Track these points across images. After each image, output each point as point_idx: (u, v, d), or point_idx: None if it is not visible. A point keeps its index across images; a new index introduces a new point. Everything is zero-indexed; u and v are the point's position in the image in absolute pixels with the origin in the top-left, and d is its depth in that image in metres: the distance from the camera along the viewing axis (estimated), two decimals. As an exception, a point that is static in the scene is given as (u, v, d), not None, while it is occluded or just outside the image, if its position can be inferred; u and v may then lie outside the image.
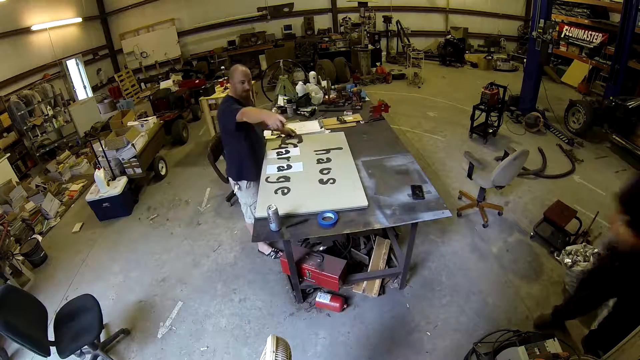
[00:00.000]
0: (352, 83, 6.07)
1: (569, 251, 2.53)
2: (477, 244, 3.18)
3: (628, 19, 4.55)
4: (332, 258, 2.60)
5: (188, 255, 3.38)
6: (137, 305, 2.90)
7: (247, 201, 2.88)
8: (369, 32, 8.61)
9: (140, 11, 8.68)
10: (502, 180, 3.06)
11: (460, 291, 2.72)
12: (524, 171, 4.05)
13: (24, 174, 5.29)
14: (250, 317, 2.67)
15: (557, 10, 6.90)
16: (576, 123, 4.87)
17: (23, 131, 5.33)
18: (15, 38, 6.07)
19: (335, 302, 2.60)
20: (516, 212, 3.55)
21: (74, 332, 2.20)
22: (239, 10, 9.05)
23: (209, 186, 4.40)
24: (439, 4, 9.61)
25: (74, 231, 3.96)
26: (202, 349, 2.49)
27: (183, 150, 5.61)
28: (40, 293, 3.09)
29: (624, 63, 4.81)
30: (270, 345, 1.28)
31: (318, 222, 2.13)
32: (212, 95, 5.25)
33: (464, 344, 2.29)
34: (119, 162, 4.18)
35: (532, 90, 5.30)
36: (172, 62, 9.03)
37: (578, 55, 6.71)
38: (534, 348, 1.80)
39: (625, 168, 4.12)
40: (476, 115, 4.88)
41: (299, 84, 4.21)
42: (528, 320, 2.46)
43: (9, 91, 5.71)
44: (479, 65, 8.44)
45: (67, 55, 7.13)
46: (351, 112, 3.76)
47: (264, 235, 2.18)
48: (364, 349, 2.37)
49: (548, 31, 4.70)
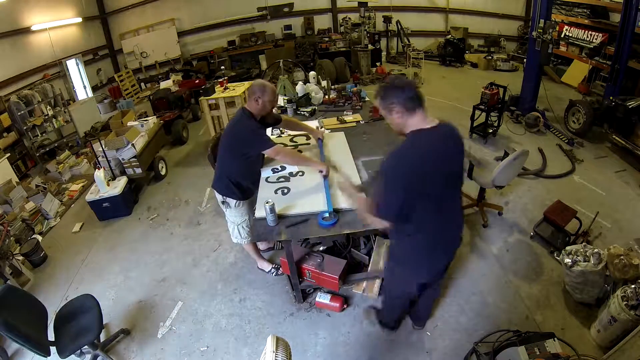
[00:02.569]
0: (352, 83, 6.06)
1: (569, 251, 2.52)
2: (477, 244, 3.18)
3: (628, 19, 4.55)
4: (332, 258, 2.60)
5: (188, 255, 3.37)
6: (137, 305, 2.89)
7: (235, 220, 2.66)
8: (369, 32, 8.61)
9: (140, 11, 8.68)
10: (502, 180, 3.06)
11: (460, 291, 2.72)
12: (524, 171, 4.05)
13: (24, 174, 5.29)
14: (250, 317, 2.67)
15: (557, 10, 6.90)
16: (576, 123, 4.86)
17: (23, 131, 5.32)
18: (15, 38, 6.07)
19: (335, 302, 2.59)
20: (516, 212, 3.55)
21: (74, 332, 2.19)
22: (238, 10, 9.06)
23: (209, 186, 4.38)
24: (439, 4, 9.61)
25: (74, 231, 3.96)
26: (202, 349, 2.49)
27: (183, 150, 5.61)
28: (40, 293, 3.09)
29: (624, 63, 4.81)
30: (270, 345, 1.28)
31: (318, 222, 2.13)
32: (212, 96, 5.25)
33: (464, 344, 2.29)
34: (119, 162, 4.18)
35: (532, 90, 5.30)
36: (172, 62, 9.03)
37: (578, 55, 6.70)
38: (534, 348, 1.81)
39: (625, 168, 4.11)
40: (476, 115, 4.88)
41: (299, 84, 4.21)
42: (528, 320, 2.46)
43: (9, 91, 5.71)
44: (479, 65, 8.44)
45: (67, 55, 7.12)
46: (351, 112, 3.76)
47: (264, 235, 2.19)
48: (364, 348, 2.37)
49: (548, 31, 4.70)
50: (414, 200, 1.54)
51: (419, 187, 1.50)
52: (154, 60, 8.90)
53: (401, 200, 1.52)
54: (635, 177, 3.93)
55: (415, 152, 1.52)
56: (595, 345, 2.25)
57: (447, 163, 1.58)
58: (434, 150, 1.53)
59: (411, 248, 1.78)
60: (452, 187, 1.69)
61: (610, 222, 3.26)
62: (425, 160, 1.51)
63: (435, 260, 1.82)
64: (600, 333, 2.23)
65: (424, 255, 1.77)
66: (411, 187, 1.49)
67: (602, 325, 2.20)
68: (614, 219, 3.30)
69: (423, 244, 1.72)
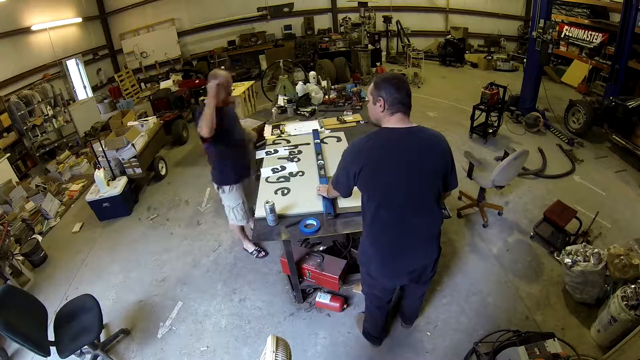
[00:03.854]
0: (352, 83, 6.06)
1: (569, 251, 2.52)
2: (477, 244, 3.18)
3: (628, 19, 4.55)
4: (332, 258, 2.61)
5: (188, 255, 3.38)
6: (137, 305, 2.90)
7: (230, 204, 2.84)
8: (369, 32, 8.60)
9: (140, 11, 8.67)
10: (502, 180, 3.06)
11: (460, 291, 2.72)
12: (524, 171, 4.05)
13: (24, 174, 5.28)
14: (250, 317, 2.67)
15: (557, 10, 6.89)
16: (576, 123, 4.86)
17: (23, 131, 5.33)
18: (15, 38, 6.07)
19: (335, 302, 2.59)
20: (516, 212, 3.55)
21: (74, 332, 2.20)
22: (239, 10, 9.04)
23: (209, 186, 4.39)
24: (439, 4, 9.60)
25: (74, 231, 3.96)
26: (202, 349, 2.49)
27: (183, 150, 5.61)
28: (40, 293, 3.09)
29: (624, 63, 4.81)
30: (270, 345, 1.28)
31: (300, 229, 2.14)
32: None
33: (464, 344, 2.29)
34: (119, 162, 4.17)
35: (532, 90, 5.29)
36: (172, 62, 9.02)
37: (578, 55, 6.70)
38: (534, 348, 1.81)
39: (625, 168, 4.11)
40: (476, 115, 4.88)
41: (299, 84, 4.21)
42: (528, 320, 2.46)
43: (9, 91, 5.70)
44: (479, 65, 8.44)
45: (67, 55, 7.12)
46: (351, 112, 3.76)
47: (264, 235, 2.19)
48: (364, 348, 2.37)
49: (548, 31, 4.69)
50: (363, 191, 1.65)
51: (368, 177, 1.58)
52: (154, 60, 8.89)
53: (349, 181, 1.65)
54: (635, 177, 3.93)
55: (374, 144, 1.59)
56: (595, 345, 2.25)
57: (410, 166, 1.55)
58: (394, 148, 1.56)
59: (363, 249, 1.82)
60: (413, 199, 1.60)
61: (610, 222, 3.26)
62: (381, 153, 1.56)
63: (383, 267, 1.77)
64: (600, 333, 2.23)
65: (374, 258, 1.77)
66: (361, 174, 1.58)
67: (602, 325, 2.20)
68: (614, 219, 3.30)
69: (373, 247, 1.75)
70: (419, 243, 1.73)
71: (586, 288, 2.42)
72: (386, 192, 1.58)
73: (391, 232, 1.67)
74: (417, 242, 1.72)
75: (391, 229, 1.66)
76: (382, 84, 1.56)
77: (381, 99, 1.55)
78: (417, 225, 1.67)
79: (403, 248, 1.71)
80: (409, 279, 1.82)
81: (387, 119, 1.59)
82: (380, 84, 1.57)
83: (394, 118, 1.57)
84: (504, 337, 1.97)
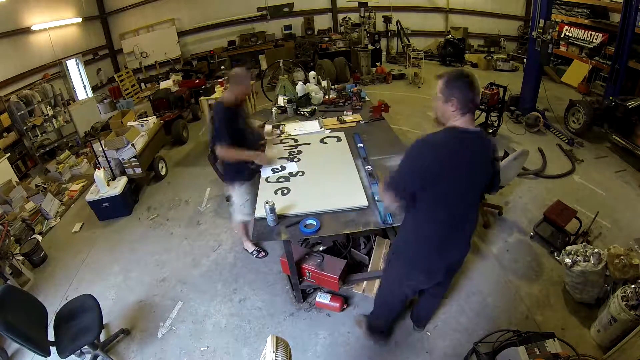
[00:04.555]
0: (352, 83, 6.07)
1: (569, 251, 2.52)
2: (477, 244, 3.18)
3: (628, 19, 4.56)
4: (332, 258, 2.61)
5: (188, 255, 3.37)
6: (137, 305, 2.89)
7: (239, 200, 2.89)
8: (369, 32, 8.60)
9: (140, 11, 8.67)
10: (502, 180, 3.05)
11: (460, 291, 2.72)
12: (524, 171, 4.05)
13: (24, 174, 5.28)
14: (250, 317, 2.67)
15: (557, 10, 6.90)
16: (576, 123, 4.86)
17: (23, 131, 5.32)
18: (15, 38, 6.07)
19: (335, 302, 2.59)
20: (516, 212, 3.55)
21: (74, 332, 2.19)
22: (238, 10, 9.05)
23: (209, 186, 4.40)
24: (439, 4, 9.60)
25: (74, 231, 3.96)
26: (202, 349, 2.49)
27: (183, 150, 5.61)
28: (40, 293, 3.09)
29: (624, 63, 4.81)
30: (270, 345, 1.28)
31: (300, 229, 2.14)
32: (212, 95, 5.25)
33: (464, 344, 2.29)
34: (119, 162, 4.17)
35: (532, 90, 5.30)
36: (172, 62, 9.02)
37: (578, 55, 6.71)
38: (534, 348, 1.81)
39: (625, 168, 4.11)
40: (476, 115, 4.85)
41: (299, 84, 4.21)
42: (528, 320, 2.46)
43: (9, 91, 5.70)
44: (479, 65, 8.44)
45: (67, 55, 7.12)
46: (351, 112, 3.76)
47: (264, 235, 2.19)
48: (364, 349, 2.37)
49: (548, 31, 4.70)
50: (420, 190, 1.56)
51: (427, 178, 1.51)
52: (154, 60, 8.89)
53: (407, 181, 1.57)
54: (635, 177, 3.93)
55: (448, 142, 1.52)
56: (595, 345, 2.25)
57: (475, 167, 1.56)
58: (467, 149, 1.53)
59: (406, 245, 1.79)
60: (469, 198, 1.64)
61: (610, 222, 3.26)
62: (452, 152, 1.51)
63: (427, 262, 1.78)
64: (600, 333, 2.23)
65: (419, 253, 1.76)
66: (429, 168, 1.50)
67: (602, 325, 2.20)
68: (614, 219, 3.30)
69: (420, 242, 1.72)
70: (464, 238, 1.76)
71: (586, 288, 2.42)
72: (449, 191, 1.55)
73: (446, 228, 1.66)
74: (464, 236, 1.75)
75: (446, 225, 1.66)
76: (454, 82, 1.49)
77: (454, 99, 1.48)
78: (466, 221, 1.71)
79: (452, 243, 1.73)
80: (444, 273, 1.84)
81: (456, 118, 1.53)
82: (452, 82, 1.50)
83: (464, 118, 1.52)
84: (504, 337, 1.97)
